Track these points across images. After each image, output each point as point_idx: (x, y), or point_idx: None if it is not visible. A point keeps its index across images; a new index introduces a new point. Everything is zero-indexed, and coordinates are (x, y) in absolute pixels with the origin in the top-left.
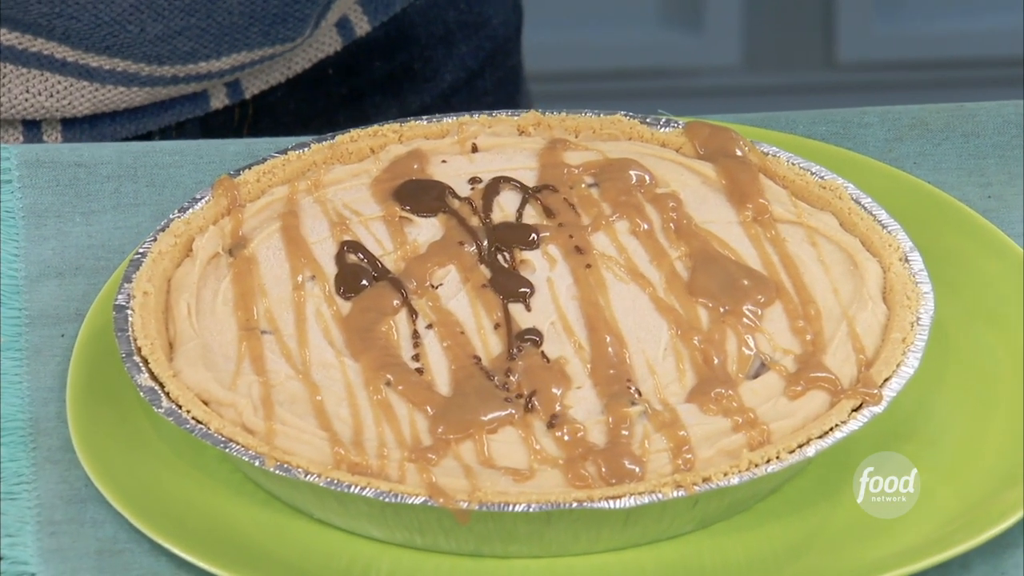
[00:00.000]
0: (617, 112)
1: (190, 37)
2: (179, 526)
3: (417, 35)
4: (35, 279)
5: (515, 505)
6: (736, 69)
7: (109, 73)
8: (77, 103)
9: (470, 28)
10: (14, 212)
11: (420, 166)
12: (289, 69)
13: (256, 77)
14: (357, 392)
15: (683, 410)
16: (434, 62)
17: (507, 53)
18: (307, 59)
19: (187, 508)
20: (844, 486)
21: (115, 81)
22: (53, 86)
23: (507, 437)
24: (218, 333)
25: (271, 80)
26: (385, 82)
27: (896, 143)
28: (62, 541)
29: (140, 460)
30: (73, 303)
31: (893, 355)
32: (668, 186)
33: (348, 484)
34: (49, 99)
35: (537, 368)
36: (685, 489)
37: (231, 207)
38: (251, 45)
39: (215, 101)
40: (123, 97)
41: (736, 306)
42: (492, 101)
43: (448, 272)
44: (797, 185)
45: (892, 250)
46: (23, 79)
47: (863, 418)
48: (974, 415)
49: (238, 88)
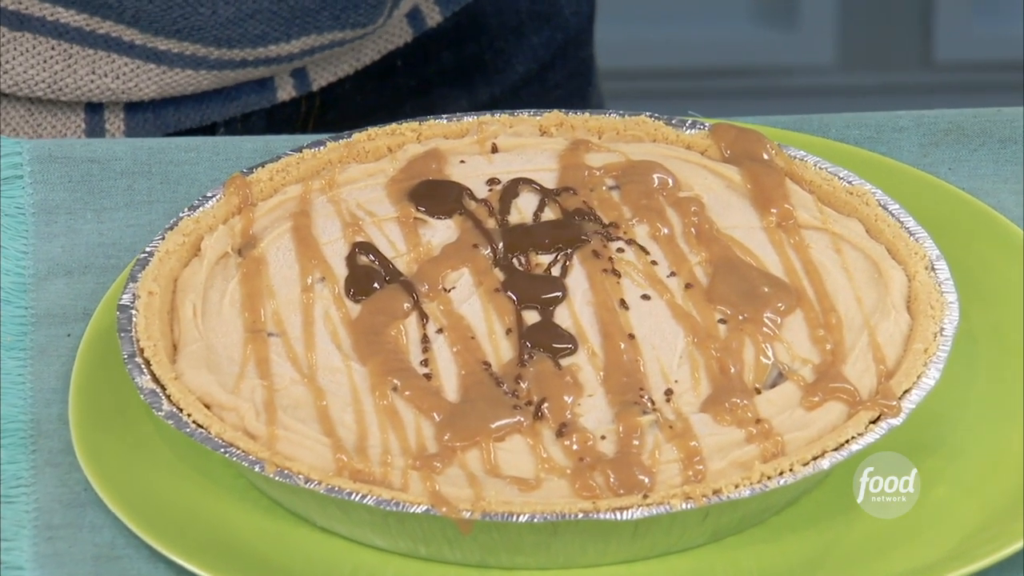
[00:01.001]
0: (642, 113)
1: (261, 20)
2: (179, 533)
3: (488, 25)
4: (43, 277)
5: (519, 515)
6: (831, 68)
7: (177, 56)
8: (143, 86)
9: (542, 18)
10: (24, 208)
11: (438, 166)
12: (358, 60)
13: (324, 68)
14: (363, 397)
15: (696, 420)
16: (505, 53)
17: (579, 44)
18: (376, 50)
19: (188, 514)
20: None
21: (183, 64)
22: (120, 68)
23: (515, 445)
24: (223, 335)
25: (339, 71)
26: (454, 73)
27: (931, 148)
28: (59, 546)
29: (142, 464)
30: (81, 302)
31: (914, 366)
32: (691, 190)
33: (349, 492)
34: (115, 81)
35: (548, 375)
36: (694, 501)
37: (242, 206)
38: (321, 28)
39: (282, 92)
40: (190, 80)
41: (755, 314)
42: (563, 95)
43: (461, 275)
44: (824, 190)
45: (918, 258)
46: (89, 60)
47: (880, 430)
48: (1000, 428)
49: (305, 79)
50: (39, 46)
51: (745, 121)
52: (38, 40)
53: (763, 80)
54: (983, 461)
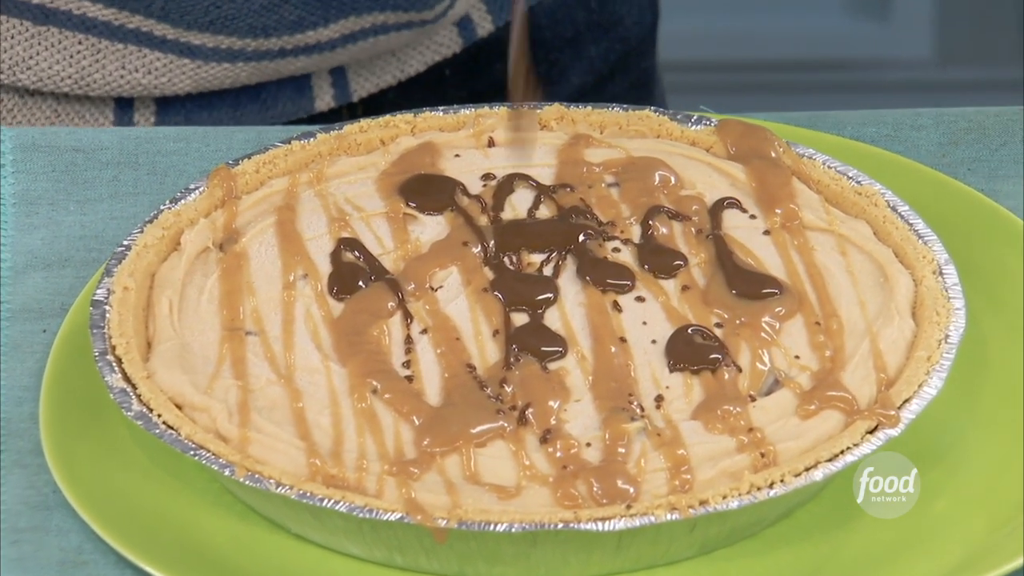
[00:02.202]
0: (646, 107)
1: (296, 4)
2: (148, 538)
3: (543, 36)
4: (20, 270)
5: (497, 524)
6: (926, 63)
7: (212, 51)
8: (177, 81)
9: (600, 29)
10: (4, 198)
11: (431, 160)
12: (402, 72)
13: (366, 75)
14: (341, 399)
15: (686, 427)
16: (560, 65)
17: (641, 55)
18: (422, 60)
19: (159, 519)
20: (861, 511)
21: (218, 58)
22: (151, 63)
23: (496, 451)
24: (199, 333)
25: (382, 82)
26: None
27: (950, 147)
28: (24, 550)
29: (113, 466)
30: (59, 297)
31: (916, 374)
32: (694, 188)
33: (321, 497)
34: (147, 76)
35: (534, 379)
36: (680, 512)
37: (226, 199)
38: (360, 10)
39: (320, 102)
40: (227, 74)
41: (753, 318)
42: None
43: (449, 274)
44: (832, 190)
45: (926, 262)
46: (119, 55)
47: (878, 441)
48: (1008, 438)
49: (345, 86)
50: (65, 40)
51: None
52: (64, 35)
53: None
54: (987, 473)
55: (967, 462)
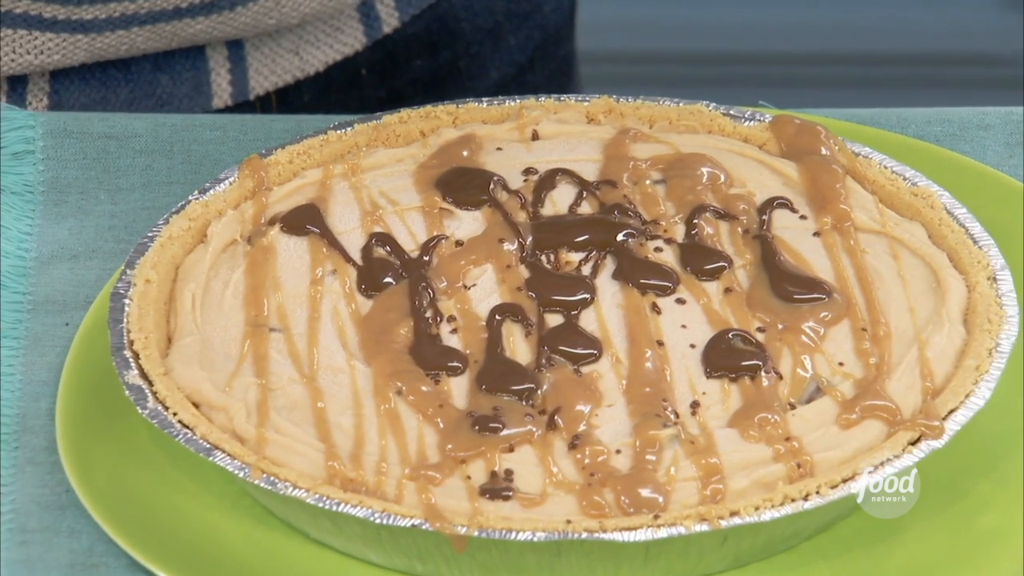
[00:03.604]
0: (699, 102)
1: None
2: (162, 542)
3: (462, 29)
4: (46, 261)
5: (518, 533)
6: None
7: (106, 21)
8: (71, 56)
9: (519, 18)
10: (33, 186)
11: (471, 153)
12: (302, 70)
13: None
14: (364, 400)
15: (721, 435)
16: (481, 58)
17: (559, 41)
18: (322, 58)
19: (175, 522)
20: (904, 526)
21: (113, 27)
22: (43, 44)
23: (523, 457)
24: (222, 329)
25: (279, 79)
26: (428, 82)
27: (1017, 148)
28: (32, 551)
29: (130, 467)
30: (83, 289)
31: (963, 384)
32: (744, 186)
33: (337, 501)
34: (39, 56)
35: (566, 382)
36: (710, 523)
37: (256, 190)
38: None
39: (217, 99)
40: (122, 41)
41: (796, 323)
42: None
43: (484, 272)
44: (887, 191)
45: (981, 267)
46: (8, 40)
47: (920, 452)
48: None
49: (244, 83)
50: None
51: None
52: None
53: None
54: None
55: (1016, 477)
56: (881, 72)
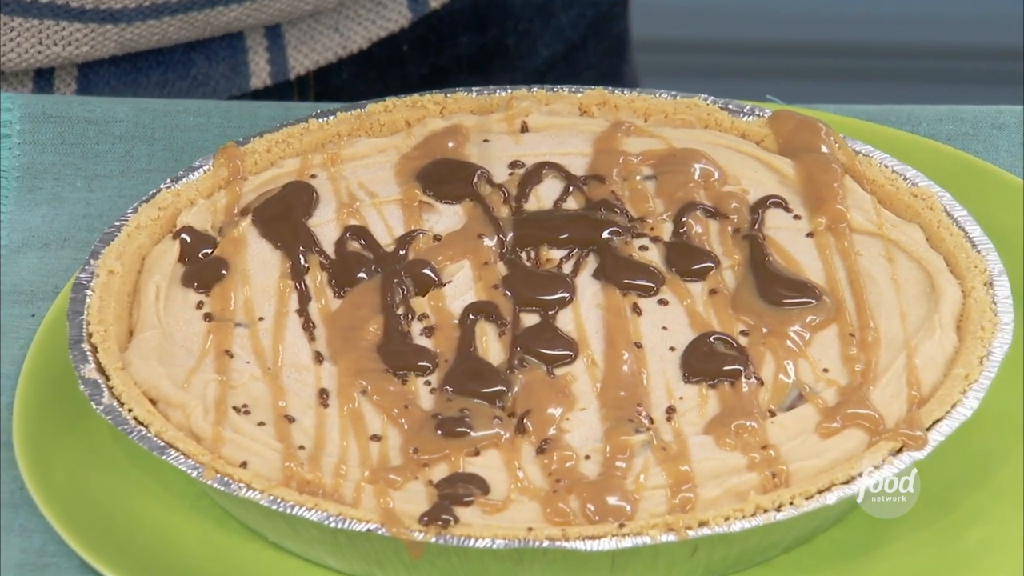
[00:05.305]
0: (696, 95)
1: None
2: (115, 543)
3: (511, 4)
4: (15, 249)
5: (478, 540)
6: None
7: (136, 11)
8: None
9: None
10: (8, 171)
11: (456, 145)
12: (344, 47)
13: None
14: (328, 399)
15: (695, 442)
16: (530, 35)
17: (612, 19)
18: (366, 35)
19: (131, 523)
20: (889, 539)
21: (143, 16)
22: (71, 35)
23: (489, 461)
24: (185, 323)
25: (321, 58)
26: (473, 60)
27: None
28: None
29: (88, 465)
30: (52, 279)
31: (951, 393)
32: (738, 184)
33: (292, 504)
34: (67, 48)
35: (538, 384)
36: (677, 533)
37: (231, 179)
38: None
39: (256, 79)
40: (153, 32)
41: (782, 327)
42: (593, 76)
43: (461, 268)
44: (886, 191)
45: (978, 272)
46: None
47: (901, 463)
48: None
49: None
50: None
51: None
52: None
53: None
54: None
55: (1010, 488)
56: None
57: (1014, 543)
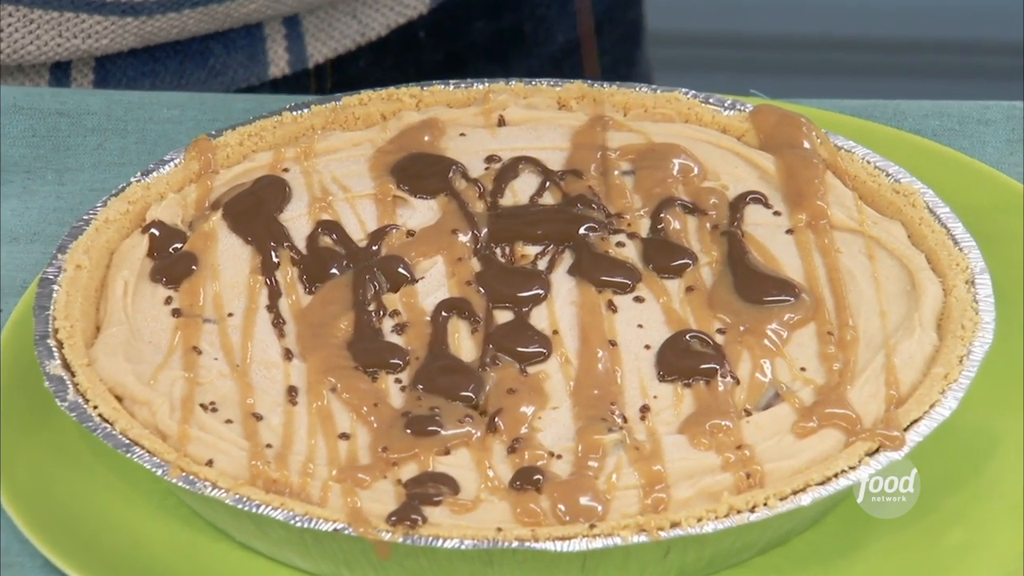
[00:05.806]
0: (677, 89)
1: None
2: (80, 542)
3: None
4: None
5: (445, 540)
6: None
7: (156, 3)
8: (120, 40)
9: None
10: None
11: (432, 138)
12: (363, 35)
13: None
14: (296, 397)
15: (669, 442)
16: (547, 21)
17: (627, 5)
18: (384, 22)
19: (96, 521)
20: (866, 541)
21: (163, 9)
22: (91, 28)
23: (459, 460)
24: (153, 319)
25: (340, 46)
26: (489, 45)
27: (1018, 145)
28: None
29: (55, 462)
30: (21, 274)
31: (929, 393)
32: (718, 179)
33: (258, 503)
34: (86, 41)
35: (510, 382)
36: (649, 534)
37: (202, 173)
38: None
39: (274, 68)
40: (173, 24)
41: (759, 325)
42: (609, 62)
43: (434, 264)
44: (868, 187)
45: (959, 270)
46: (54, 24)
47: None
48: None
49: (301, 44)
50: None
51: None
52: None
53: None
54: (1010, 504)
55: (992, 491)
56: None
57: (993, 546)
